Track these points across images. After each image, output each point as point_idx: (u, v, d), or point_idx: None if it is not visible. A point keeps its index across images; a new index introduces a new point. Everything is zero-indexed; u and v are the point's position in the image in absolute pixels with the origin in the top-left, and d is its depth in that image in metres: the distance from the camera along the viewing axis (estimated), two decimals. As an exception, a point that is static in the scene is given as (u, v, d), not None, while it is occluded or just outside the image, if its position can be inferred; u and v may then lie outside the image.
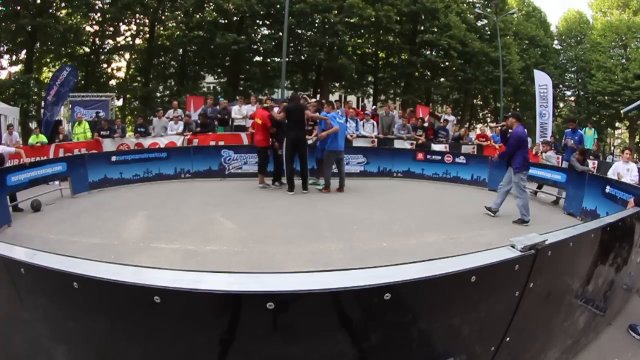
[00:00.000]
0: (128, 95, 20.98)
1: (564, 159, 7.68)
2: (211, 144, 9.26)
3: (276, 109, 7.34)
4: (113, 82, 20.60)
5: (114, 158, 7.68)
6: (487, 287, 1.35)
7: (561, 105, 27.11)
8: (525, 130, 6.08)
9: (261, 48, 20.16)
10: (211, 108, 10.52)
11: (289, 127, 6.80)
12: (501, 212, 6.35)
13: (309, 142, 7.28)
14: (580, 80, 26.10)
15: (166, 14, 19.70)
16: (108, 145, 9.18)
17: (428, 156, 9.13)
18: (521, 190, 5.57)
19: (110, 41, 20.21)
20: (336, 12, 19.17)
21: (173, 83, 21.06)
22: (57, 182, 6.90)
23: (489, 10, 22.81)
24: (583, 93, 25.97)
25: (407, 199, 6.38)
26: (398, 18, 20.39)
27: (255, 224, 5.06)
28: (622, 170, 6.17)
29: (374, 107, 16.76)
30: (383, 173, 9.11)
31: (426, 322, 1.28)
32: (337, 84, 22.74)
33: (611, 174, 6.27)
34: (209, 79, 22.22)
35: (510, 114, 6.25)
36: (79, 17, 18.63)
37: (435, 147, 10.02)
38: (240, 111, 10.12)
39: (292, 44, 19.88)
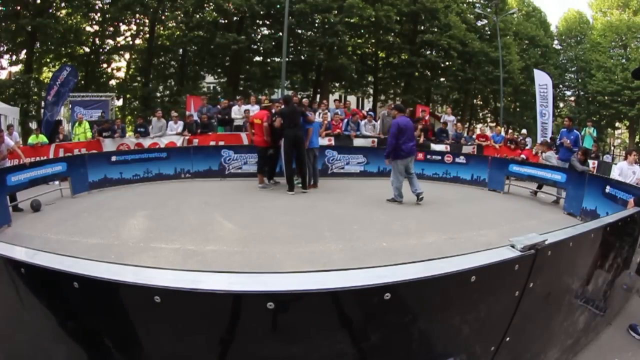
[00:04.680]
0: (128, 95, 20.94)
1: (560, 159, 7.68)
2: (211, 144, 9.27)
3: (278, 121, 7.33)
4: (113, 82, 20.55)
5: (114, 158, 7.68)
6: (487, 287, 1.35)
7: (561, 105, 27.07)
8: (410, 120, 6.52)
9: (261, 48, 20.11)
10: (206, 107, 10.52)
11: (286, 128, 6.91)
12: (502, 211, 6.36)
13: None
14: (580, 80, 26.07)
15: (166, 14, 19.67)
16: (108, 145, 9.18)
17: (428, 156, 9.13)
18: (394, 175, 6.36)
19: (110, 41, 20.17)
20: (336, 12, 19.14)
21: (173, 83, 21.03)
22: (57, 182, 6.90)
23: (489, 10, 22.80)
24: (583, 93, 25.95)
25: (407, 199, 6.38)
26: (398, 18, 20.36)
27: (255, 224, 5.06)
28: (627, 171, 6.04)
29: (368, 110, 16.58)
30: (383, 173, 9.09)
31: (426, 322, 1.28)
32: (337, 84, 22.70)
33: (616, 174, 6.15)
34: (209, 79, 22.19)
35: (393, 105, 6.67)
36: (79, 17, 18.60)
37: (436, 147, 10.02)
38: (240, 111, 10.12)
39: (292, 44, 19.85)
